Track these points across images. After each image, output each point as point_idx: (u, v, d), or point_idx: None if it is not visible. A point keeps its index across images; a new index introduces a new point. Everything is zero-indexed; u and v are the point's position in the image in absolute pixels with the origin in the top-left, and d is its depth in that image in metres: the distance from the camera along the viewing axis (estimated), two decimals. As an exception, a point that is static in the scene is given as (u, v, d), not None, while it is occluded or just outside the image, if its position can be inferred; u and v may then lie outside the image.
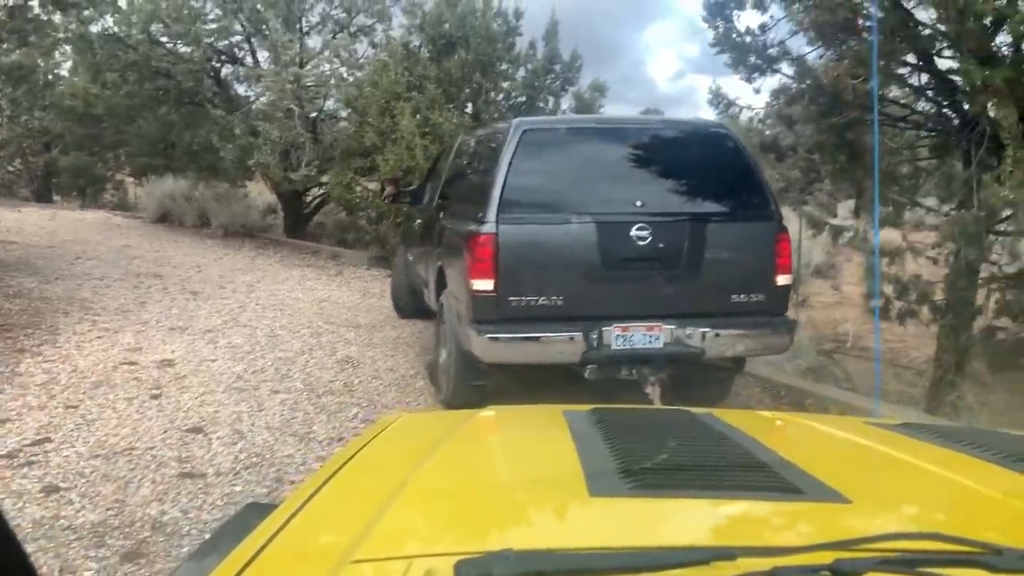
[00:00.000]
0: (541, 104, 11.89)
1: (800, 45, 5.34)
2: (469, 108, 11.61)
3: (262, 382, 5.43)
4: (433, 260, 5.54)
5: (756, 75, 5.66)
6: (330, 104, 13.08)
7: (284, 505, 1.17)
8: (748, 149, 4.79)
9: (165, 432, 4.34)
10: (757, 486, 1.11)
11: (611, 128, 4.86)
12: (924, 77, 5.17)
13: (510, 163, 4.26)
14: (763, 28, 5.49)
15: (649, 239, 4.24)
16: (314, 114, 12.57)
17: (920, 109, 5.52)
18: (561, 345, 4.19)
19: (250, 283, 9.58)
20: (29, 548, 2.98)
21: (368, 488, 1.27)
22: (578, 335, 4.17)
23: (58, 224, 14.16)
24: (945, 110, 4.95)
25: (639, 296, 4.34)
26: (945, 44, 4.54)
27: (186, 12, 12.64)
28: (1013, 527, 1.02)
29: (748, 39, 5.54)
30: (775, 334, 4.54)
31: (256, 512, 1.21)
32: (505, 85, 11.88)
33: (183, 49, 13.41)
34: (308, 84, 12.50)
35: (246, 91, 14.42)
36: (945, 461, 1.33)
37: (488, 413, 1.97)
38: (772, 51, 5.51)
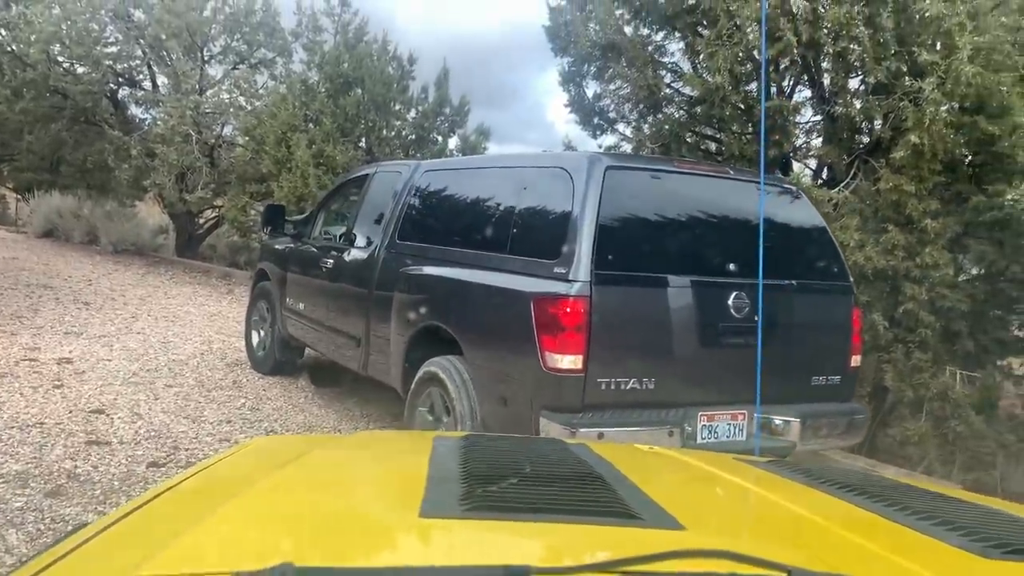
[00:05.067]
0: (430, 143, 12.88)
1: (628, 111, 6.51)
2: (363, 143, 12.46)
3: (157, 378, 6.06)
4: (400, 319, 4.46)
5: (599, 133, 6.88)
6: (228, 130, 13.68)
7: (103, 519, 1.16)
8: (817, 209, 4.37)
9: (70, 413, 4.96)
10: (595, 512, 1.12)
11: (695, 175, 4.06)
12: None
13: (598, 207, 3.48)
14: (599, 97, 6.71)
15: (746, 308, 3.66)
16: (212, 140, 13.12)
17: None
18: (659, 440, 3.40)
19: (142, 297, 10.04)
20: (-39, 489, 3.63)
21: (193, 505, 1.23)
22: (676, 428, 3.50)
23: (-62, 235, 14.01)
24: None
25: (724, 377, 3.71)
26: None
27: (87, 35, 13.01)
28: (826, 552, 1.07)
29: (591, 104, 6.73)
30: (854, 426, 4.04)
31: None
32: (397, 124, 12.81)
33: (81, 70, 13.71)
34: (207, 111, 13.06)
35: (143, 114, 14.79)
36: (796, 495, 1.37)
37: (357, 436, 2.02)
38: (611, 114, 6.72)
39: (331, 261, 5.55)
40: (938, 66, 4.87)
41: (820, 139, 6.50)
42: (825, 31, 5.21)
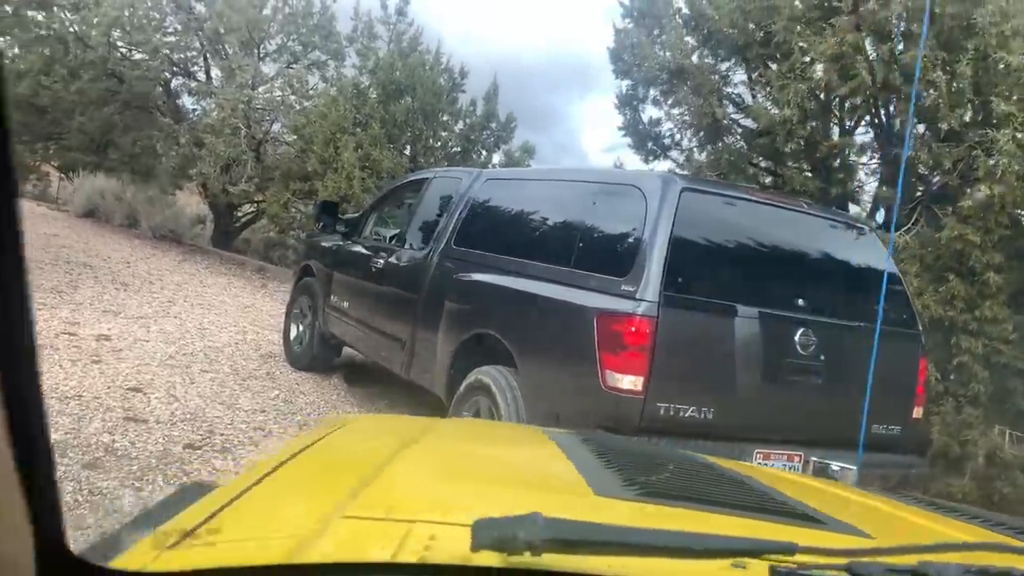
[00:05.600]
0: (474, 156, 12.92)
1: (687, 138, 6.49)
2: (408, 150, 12.52)
3: (192, 362, 6.05)
4: (451, 324, 4.36)
5: (652, 158, 6.84)
6: (276, 127, 13.80)
7: (242, 476, 1.10)
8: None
9: (108, 388, 4.94)
10: (777, 511, 1.03)
11: (769, 204, 3.94)
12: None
13: (671, 228, 3.40)
14: (657, 122, 6.69)
15: (812, 346, 3.56)
16: (260, 135, 13.25)
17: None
18: None
19: (178, 283, 10.09)
20: None
21: (343, 465, 1.20)
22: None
23: (-16, 205, 14.23)
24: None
25: (784, 415, 3.60)
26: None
27: (148, 22, 13.25)
28: None
29: (647, 128, 6.70)
30: (912, 479, 3.93)
31: (200, 490, 1.08)
32: (444, 134, 12.87)
33: (139, 56, 13.93)
34: (258, 106, 13.20)
35: (195, 104, 14.98)
36: (931, 517, 1.32)
37: (464, 420, 1.92)
38: (666, 140, 6.69)
39: (381, 262, 5.47)
40: (1015, 117, 4.77)
41: (876, 181, 6.42)
42: (899, 73, 5.13)
